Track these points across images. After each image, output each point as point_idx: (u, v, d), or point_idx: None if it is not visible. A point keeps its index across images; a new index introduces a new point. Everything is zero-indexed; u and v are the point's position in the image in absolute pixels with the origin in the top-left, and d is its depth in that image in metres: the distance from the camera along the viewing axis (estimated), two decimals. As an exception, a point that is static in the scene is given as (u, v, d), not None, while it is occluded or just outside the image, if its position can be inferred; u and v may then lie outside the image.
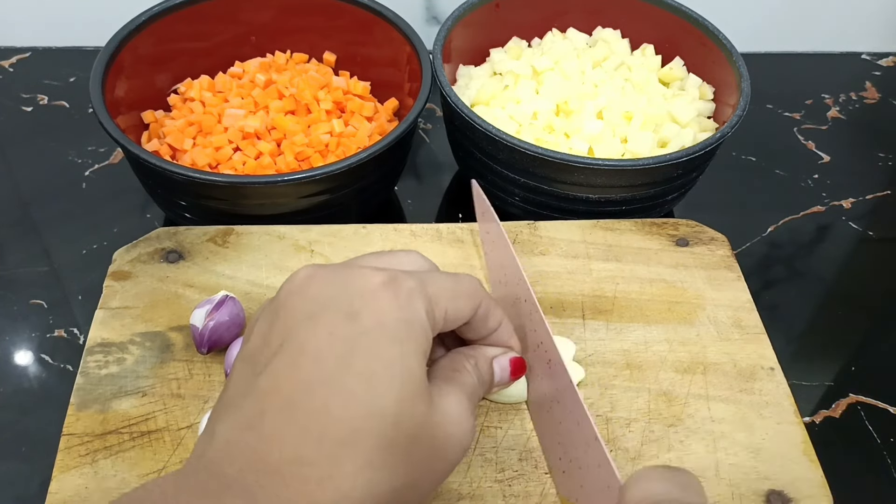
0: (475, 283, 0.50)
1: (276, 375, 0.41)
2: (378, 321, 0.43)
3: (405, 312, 0.43)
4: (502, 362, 0.53)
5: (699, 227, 0.75)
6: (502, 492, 0.56)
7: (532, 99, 0.84)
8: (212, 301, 0.63)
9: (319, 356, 0.41)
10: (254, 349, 0.44)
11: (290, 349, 0.42)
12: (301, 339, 0.42)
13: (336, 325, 0.42)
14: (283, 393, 0.41)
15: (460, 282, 0.49)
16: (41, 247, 0.83)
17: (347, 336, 0.42)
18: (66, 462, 0.56)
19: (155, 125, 0.85)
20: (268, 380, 0.41)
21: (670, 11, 0.89)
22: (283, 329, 0.43)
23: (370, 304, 0.43)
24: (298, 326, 0.43)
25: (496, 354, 0.53)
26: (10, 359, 0.74)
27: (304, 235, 0.72)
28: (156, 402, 0.60)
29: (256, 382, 0.42)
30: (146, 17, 0.83)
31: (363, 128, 0.84)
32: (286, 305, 0.45)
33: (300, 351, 0.42)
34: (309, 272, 0.46)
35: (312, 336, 0.42)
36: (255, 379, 0.42)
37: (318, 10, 0.90)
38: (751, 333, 0.67)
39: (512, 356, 0.54)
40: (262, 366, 0.42)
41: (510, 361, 0.54)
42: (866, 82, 1.13)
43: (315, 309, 0.43)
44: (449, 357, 0.51)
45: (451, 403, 0.46)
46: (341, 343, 0.42)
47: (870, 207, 0.94)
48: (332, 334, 0.42)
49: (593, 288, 0.70)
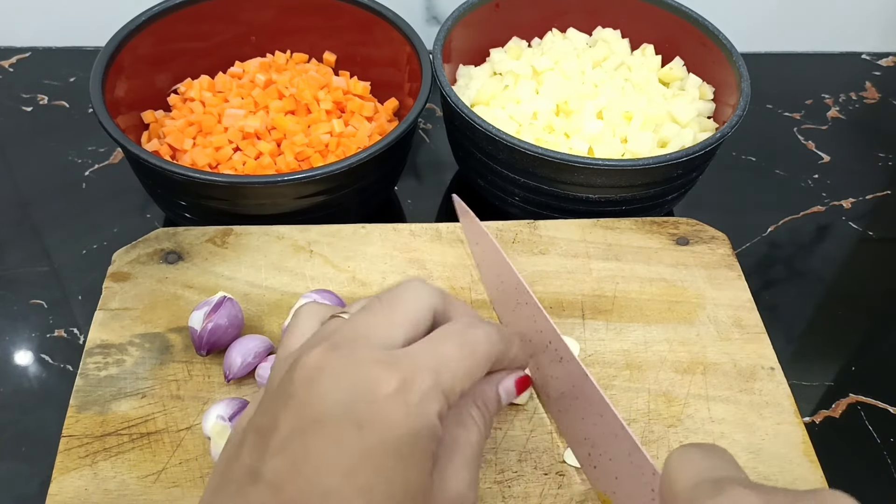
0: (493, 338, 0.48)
1: (281, 473, 0.41)
2: (384, 436, 0.41)
3: (414, 423, 0.42)
4: (507, 386, 0.51)
5: (700, 225, 0.75)
6: (501, 493, 0.56)
7: (532, 99, 0.84)
8: (210, 303, 0.63)
9: (321, 468, 0.40)
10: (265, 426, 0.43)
11: (295, 450, 0.41)
12: (306, 444, 0.41)
13: (342, 435, 0.41)
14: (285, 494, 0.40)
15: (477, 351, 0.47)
16: (41, 247, 0.83)
17: (352, 449, 0.41)
18: (65, 464, 0.56)
19: (155, 125, 0.85)
20: (273, 474, 0.41)
21: (670, 11, 0.89)
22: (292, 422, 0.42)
23: (378, 414, 0.42)
24: (305, 428, 0.42)
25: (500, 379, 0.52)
26: (10, 359, 0.74)
27: (304, 236, 0.72)
28: (155, 404, 0.60)
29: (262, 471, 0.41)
30: (146, 17, 0.83)
31: (363, 128, 0.84)
32: (297, 396, 0.43)
33: (304, 457, 0.41)
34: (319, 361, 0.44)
35: (317, 444, 0.41)
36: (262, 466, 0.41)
37: (318, 10, 0.89)
38: (751, 333, 0.67)
39: (515, 377, 0.52)
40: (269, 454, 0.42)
41: (515, 383, 0.52)
42: (866, 82, 1.13)
43: (323, 413, 0.42)
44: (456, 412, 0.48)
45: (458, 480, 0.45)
46: (345, 457, 0.41)
47: (870, 207, 0.94)
48: (337, 445, 0.41)
49: (593, 287, 0.70)
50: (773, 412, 0.62)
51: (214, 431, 0.56)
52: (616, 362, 0.65)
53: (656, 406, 0.62)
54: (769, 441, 0.60)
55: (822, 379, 0.77)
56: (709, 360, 0.65)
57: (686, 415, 0.61)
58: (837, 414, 0.74)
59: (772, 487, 0.38)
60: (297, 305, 0.65)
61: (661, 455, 0.59)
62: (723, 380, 0.64)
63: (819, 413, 0.74)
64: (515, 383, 0.52)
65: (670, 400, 0.62)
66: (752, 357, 0.65)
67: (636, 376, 0.64)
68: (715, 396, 0.62)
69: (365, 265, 0.70)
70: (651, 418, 0.61)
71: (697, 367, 0.64)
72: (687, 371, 0.64)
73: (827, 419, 0.74)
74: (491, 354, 0.47)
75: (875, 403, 0.75)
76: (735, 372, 0.64)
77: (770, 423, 0.61)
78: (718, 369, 0.64)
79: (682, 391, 0.63)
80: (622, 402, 0.62)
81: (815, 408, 0.75)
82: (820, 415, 0.74)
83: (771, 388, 0.63)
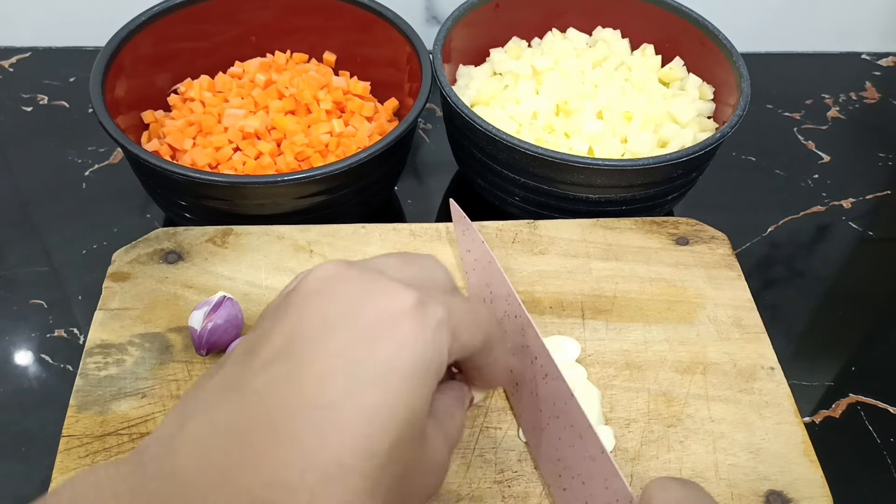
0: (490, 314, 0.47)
1: (272, 385, 0.38)
2: (395, 355, 0.39)
3: (427, 349, 0.40)
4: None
5: (699, 225, 0.75)
6: (501, 493, 0.56)
7: (532, 99, 0.84)
8: (210, 302, 0.63)
9: (324, 380, 0.38)
10: (256, 340, 0.41)
11: (294, 360, 0.39)
12: (309, 353, 0.39)
13: (349, 347, 0.39)
14: (276, 408, 0.37)
15: (479, 311, 0.46)
16: (41, 247, 0.83)
17: (358, 362, 0.38)
18: (65, 464, 0.56)
19: (155, 125, 0.85)
20: (263, 385, 0.38)
21: (670, 11, 0.89)
22: (292, 331, 0.40)
23: (392, 330, 0.39)
24: (308, 336, 0.39)
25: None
26: (10, 359, 0.74)
27: (304, 235, 0.72)
28: (155, 404, 0.60)
29: (250, 382, 0.38)
30: (146, 17, 0.83)
31: (363, 128, 0.84)
32: (302, 304, 0.41)
33: (304, 366, 0.38)
34: (334, 270, 0.42)
35: (321, 354, 0.39)
36: (250, 378, 0.38)
37: (318, 10, 0.89)
38: (751, 333, 0.67)
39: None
40: (259, 364, 0.39)
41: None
42: (866, 82, 1.13)
43: (331, 321, 0.40)
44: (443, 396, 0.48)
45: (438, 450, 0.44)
46: (350, 370, 0.38)
47: (870, 207, 0.94)
48: (343, 358, 0.38)
49: (593, 287, 0.70)
50: (773, 412, 0.62)
51: None
52: (616, 362, 0.65)
53: (656, 406, 0.62)
54: (769, 441, 0.60)
55: (822, 379, 0.77)
56: (709, 359, 0.65)
57: (686, 415, 0.61)
58: (837, 414, 0.74)
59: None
60: None
61: (661, 455, 0.59)
62: (723, 379, 0.64)
63: (819, 413, 0.74)
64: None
65: (670, 400, 0.62)
66: (752, 357, 0.65)
67: (636, 376, 0.64)
68: (715, 396, 0.62)
69: (365, 265, 0.70)
70: (651, 418, 0.61)
71: (697, 367, 0.64)
72: (687, 371, 0.64)
73: (827, 419, 0.74)
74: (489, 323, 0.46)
75: (875, 403, 0.75)
76: (735, 372, 0.64)
77: (770, 422, 0.61)
78: (718, 369, 0.64)
79: (682, 391, 0.63)
80: (622, 402, 0.62)
81: (815, 408, 0.75)
82: (820, 415, 0.74)
83: (771, 388, 0.63)
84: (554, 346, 0.65)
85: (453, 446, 0.47)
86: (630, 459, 0.59)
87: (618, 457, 0.59)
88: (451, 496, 0.56)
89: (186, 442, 0.37)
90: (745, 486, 0.57)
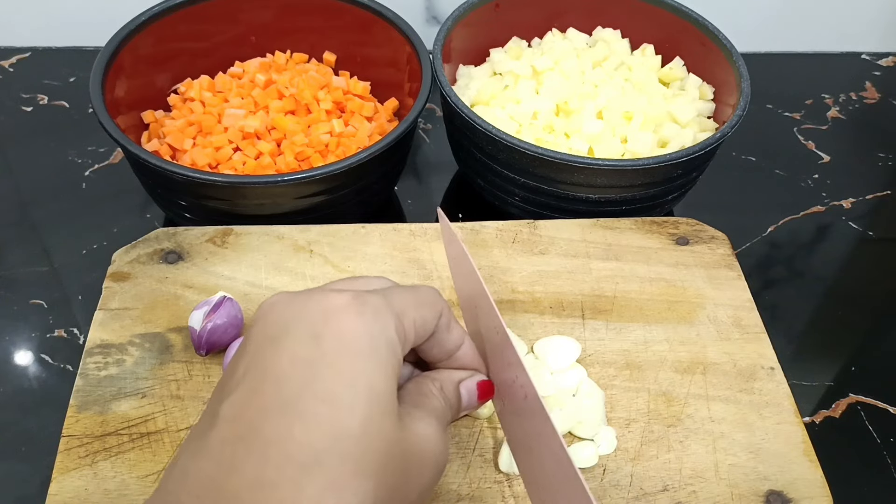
0: (434, 291, 0.50)
1: (237, 403, 0.41)
2: (341, 341, 0.42)
3: (370, 329, 0.43)
4: (469, 386, 0.52)
5: (699, 225, 0.75)
6: (501, 493, 0.56)
7: (532, 99, 0.84)
8: (209, 302, 0.63)
9: (280, 380, 0.40)
10: (223, 380, 0.44)
11: (252, 376, 0.41)
12: (263, 364, 0.42)
13: (298, 348, 0.41)
14: (243, 420, 0.40)
15: (420, 291, 0.48)
16: (41, 247, 0.83)
17: (310, 358, 0.41)
18: (65, 463, 0.56)
19: (155, 125, 0.85)
20: (229, 408, 0.41)
21: (670, 11, 0.89)
22: (248, 357, 0.43)
23: (333, 324, 0.42)
24: (261, 352, 0.42)
25: (462, 378, 0.52)
26: (10, 359, 0.74)
27: (304, 235, 0.72)
28: (155, 404, 0.60)
29: (220, 410, 0.41)
30: (146, 17, 0.83)
31: (363, 128, 0.84)
32: (251, 334, 0.44)
33: (262, 377, 0.41)
34: (273, 299, 0.45)
35: (274, 361, 0.41)
36: (220, 407, 0.41)
37: (318, 10, 0.90)
38: (751, 333, 0.67)
39: (479, 379, 0.53)
40: (226, 394, 0.42)
41: (477, 385, 0.52)
42: (866, 82, 1.13)
43: (277, 333, 0.43)
44: (415, 382, 0.50)
45: (421, 425, 0.45)
46: (303, 366, 0.41)
47: (870, 207, 0.94)
48: (295, 357, 0.41)
49: (593, 287, 0.70)
50: (773, 412, 0.62)
51: None
52: (616, 362, 0.65)
53: (656, 406, 0.62)
54: (769, 441, 0.60)
55: (822, 379, 0.77)
56: (709, 359, 0.65)
57: (686, 414, 0.61)
58: (837, 414, 0.74)
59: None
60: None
61: (661, 455, 0.59)
62: (723, 379, 0.64)
63: (819, 413, 0.74)
64: (477, 385, 0.52)
65: (670, 400, 0.62)
66: (751, 357, 0.65)
67: (636, 376, 0.64)
68: (715, 396, 0.62)
69: (365, 265, 0.70)
70: (651, 418, 0.61)
71: (697, 367, 0.64)
72: (687, 371, 0.64)
73: (827, 419, 0.74)
74: (434, 301, 0.49)
75: (875, 403, 0.75)
76: (735, 372, 0.64)
77: (770, 422, 0.61)
78: (718, 369, 0.64)
79: (682, 391, 0.63)
80: (622, 402, 0.62)
81: (815, 408, 0.75)
82: (820, 415, 0.74)
83: (771, 388, 0.63)
84: (554, 347, 0.64)
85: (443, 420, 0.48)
86: (630, 459, 0.59)
87: (618, 457, 0.59)
88: (451, 496, 0.56)
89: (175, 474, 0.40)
90: (745, 486, 0.57)
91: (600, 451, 0.59)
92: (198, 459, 0.40)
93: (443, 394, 0.50)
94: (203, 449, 0.40)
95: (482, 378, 0.53)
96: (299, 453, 0.38)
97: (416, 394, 0.49)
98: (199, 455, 0.40)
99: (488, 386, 0.53)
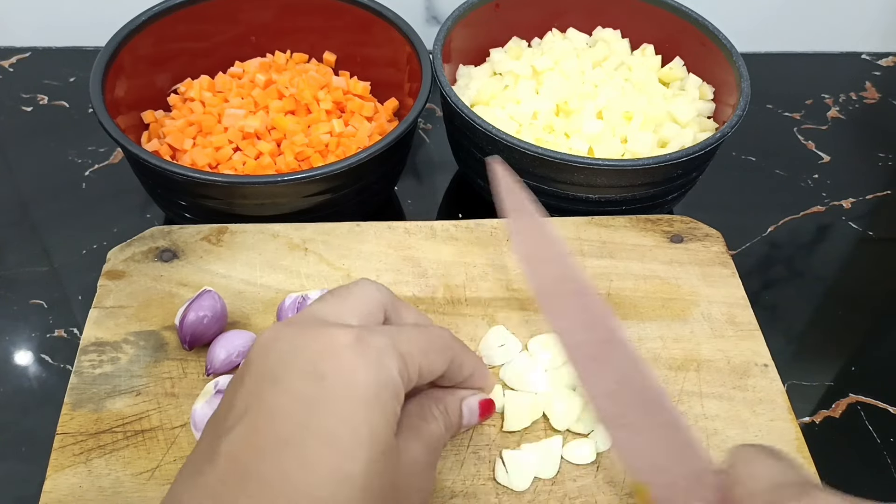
0: (446, 335, 0.50)
1: (237, 441, 0.40)
2: (343, 383, 0.41)
3: (374, 373, 0.42)
4: (471, 404, 0.53)
5: (693, 223, 0.75)
6: (495, 489, 0.56)
7: (532, 99, 0.84)
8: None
9: (280, 419, 0.40)
10: (220, 413, 0.43)
11: (252, 413, 0.41)
12: (264, 402, 0.41)
13: (300, 387, 0.41)
14: (242, 459, 0.40)
15: (432, 336, 0.48)
16: (41, 247, 0.83)
17: (312, 398, 0.41)
18: (60, 461, 0.56)
19: (155, 125, 0.85)
20: (229, 445, 0.40)
21: (670, 11, 0.89)
22: (248, 393, 0.42)
23: (336, 365, 0.42)
24: (262, 390, 0.42)
25: (465, 396, 0.53)
26: (10, 359, 0.74)
27: (299, 234, 0.72)
28: (150, 401, 0.60)
29: (219, 447, 0.40)
30: (146, 17, 0.83)
31: (363, 128, 0.84)
32: (251, 369, 0.43)
33: (262, 414, 0.41)
34: (274, 333, 0.44)
35: (275, 399, 0.41)
36: (218, 443, 0.41)
37: (318, 10, 0.90)
38: (745, 330, 0.67)
39: (481, 398, 0.53)
40: (225, 430, 0.41)
41: (479, 403, 0.53)
42: (866, 82, 1.13)
43: (279, 371, 0.42)
44: (417, 402, 0.50)
45: (417, 457, 0.46)
46: (305, 405, 0.40)
47: (870, 207, 0.94)
48: (296, 396, 0.41)
49: (589, 286, 0.70)
50: (767, 409, 0.62)
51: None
52: (611, 360, 0.65)
53: (652, 403, 0.62)
54: (762, 438, 0.60)
55: (822, 379, 0.77)
56: (702, 356, 0.65)
57: (679, 412, 0.61)
58: (837, 414, 0.74)
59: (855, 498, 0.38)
60: (281, 305, 0.65)
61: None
62: (716, 376, 0.64)
63: (819, 413, 0.74)
64: (479, 404, 0.53)
65: (665, 397, 0.62)
66: (745, 354, 0.65)
67: (632, 374, 0.64)
68: (708, 393, 0.62)
69: (360, 263, 0.70)
70: (647, 416, 0.61)
71: (691, 364, 0.64)
72: (681, 368, 0.64)
73: (827, 419, 0.74)
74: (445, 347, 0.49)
75: (875, 403, 0.75)
76: (729, 369, 0.64)
77: (763, 419, 0.61)
78: (712, 366, 0.64)
79: (676, 388, 0.63)
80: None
81: (815, 408, 0.74)
82: (820, 415, 0.74)
83: (764, 385, 0.63)
84: (549, 344, 0.64)
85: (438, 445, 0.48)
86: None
87: (613, 453, 0.59)
88: (445, 493, 0.56)
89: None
90: (740, 484, 0.57)
91: (598, 447, 0.59)
92: (196, 496, 0.40)
93: (445, 416, 0.50)
94: (201, 486, 0.40)
95: (484, 397, 0.54)
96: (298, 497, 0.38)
97: (417, 416, 0.49)
98: (197, 491, 0.40)
99: (489, 405, 0.54)
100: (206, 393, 0.58)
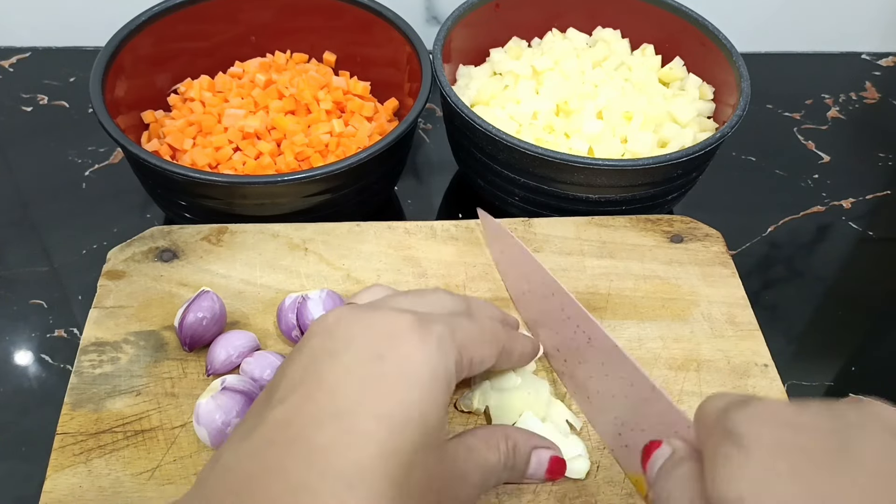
0: (497, 325, 0.50)
1: (289, 408, 0.41)
2: (402, 366, 0.42)
3: (432, 359, 0.43)
4: (542, 456, 0.53)
5: (693, 223, 0.75)
6: (495, 490, 0.56)
7: (532, 99, 0.84)
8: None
9: (335, 391, 0.41)
10: (274, 383, 0.44)
11: (307, 384, 0.42)
12: (320, 374, 0.42)
13: (358, 364, 0.42)
14: (293, 425, 0.40)
15: (484, 327, 0.49)
16: (41, 247, 0.84)
17: (368, 375, 0.41)
18: (60, 461, 0.56)
19: (155, 125, 0.85)
20: (281, 412, 0.41)
21: (670, 11, 0.89)
22: (304, 365, 0.43)
23: (396, 347, 0.43)
24: (319, 363, 0.43)
25: (539, 445, 0.53)
26: (10, 359, 0.74)
27: (299, 234, 0.72)
28: (150, 401, 0.60)
29: (269, 414, 0.41)
30: (146, 17, 0.83)
31: (363, 128, 0.84)
32: (310, 343, 0.44)
33: (317, 386, 0.41)
34: (338, 314, 0.45)
35: (331, 372, 0.42)
36: (269, 411, 0.41)
37: (318, 10, 0.90)
38: (745, 330, 0.67)
39: (553, 454, 0.53)
40: (277, 399, 0.42)
41: (550, 459, 0.53)
42: (866, 82, 1.13)
43: (339, 347, 0.43)
44: (490, 429, 0.51)
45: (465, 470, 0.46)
46: (360, 382, 0.41)
47: (870, 207, 0.94)
48: (353, 372, 0.41)
49: (587, 285, 0.70)
50: (768, 410, 0.62)
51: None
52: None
53: (652, 404, 0.62)
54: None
55: (822, 379, 0.77)
56: (703, 356, 0.65)
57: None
58: (837, 414, 0.74)
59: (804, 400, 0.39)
60: (281, 305, 0.65)
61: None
62: (716, 376, 0.63)
63: (818, 413, 0.74)
64: (550, 459, 0.53)
65: (665, 397, 0.62)
66: (745, 354, 0.65)
67: (631, 374, 0.64)
68: (709, 393, 0.62)
69: (360, 263, 0.70)
70: (646, 416, 0.61)
71: (691, 364, 0.64)
72: (681, 368, 0.64)
73: (826, 419, 0.74)
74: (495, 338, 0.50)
75: (874, 403, 0.75)
76: (729, 369, 0.64)
77: (764, 420, 0.61)
78: (712, 366, 0.64)
79: (676, 388, 0.63)
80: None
81: (815, 408, 0.74)
82: (819, 415, 0.74)
83: (764, 385, 0.63)
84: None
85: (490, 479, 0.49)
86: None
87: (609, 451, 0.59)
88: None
89: (216, 470, 0.41)
90: (739, 484, 0.57)
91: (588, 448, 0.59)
92: (241, 459, 0.40)
93: (510, 455, 0.50)
94: (248, 449, 0.40)
95: (557, 454, 0.54)
96: (345, 466, 0.38)
97: (482, 440, 0.49)
98: (243, 455, 0.40)
99: (560, 464, 0.54)
100: (211, 389, 0.57)
